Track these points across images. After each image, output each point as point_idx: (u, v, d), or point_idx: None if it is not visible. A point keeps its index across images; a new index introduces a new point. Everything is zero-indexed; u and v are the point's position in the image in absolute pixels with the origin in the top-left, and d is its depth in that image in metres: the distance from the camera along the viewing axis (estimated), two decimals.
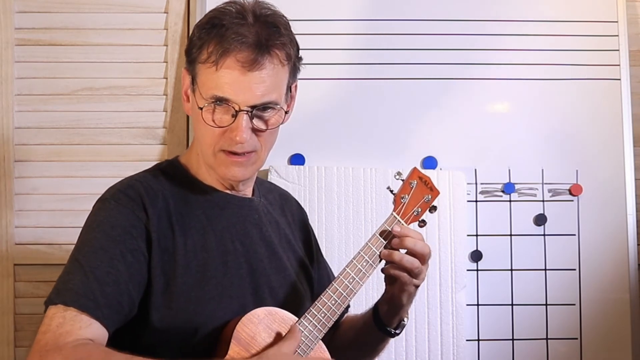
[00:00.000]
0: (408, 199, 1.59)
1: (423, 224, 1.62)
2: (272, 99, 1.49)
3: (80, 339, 1.37)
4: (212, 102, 1.48)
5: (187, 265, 1.50)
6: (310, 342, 1.49)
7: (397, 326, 1.66)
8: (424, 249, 1.55)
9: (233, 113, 1.48)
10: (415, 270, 1.55)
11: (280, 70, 1.51)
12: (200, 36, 1.50)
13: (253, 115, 1.49)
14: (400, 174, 1.61)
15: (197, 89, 1.51)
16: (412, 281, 1.56)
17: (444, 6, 2.36)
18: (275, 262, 1.62)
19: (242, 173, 1.55)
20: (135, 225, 1.48)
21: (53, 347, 1.35)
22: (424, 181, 1.62)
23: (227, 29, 1.47)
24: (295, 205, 1.82)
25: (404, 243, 1.55)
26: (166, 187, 1.56)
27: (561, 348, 2.31)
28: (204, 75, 1.49)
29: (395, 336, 1.66)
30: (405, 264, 1.54)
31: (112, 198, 1.51)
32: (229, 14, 1.50)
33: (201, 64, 1.49)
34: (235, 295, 1.53)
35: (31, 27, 2.36)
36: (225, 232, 1.57)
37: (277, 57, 1.49)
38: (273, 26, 1.50)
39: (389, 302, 1.63)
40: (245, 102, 1.47)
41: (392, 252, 1.55)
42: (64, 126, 2.36)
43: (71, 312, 1.39)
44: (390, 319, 1.65)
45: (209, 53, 1.48)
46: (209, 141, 1.51)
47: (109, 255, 1.44)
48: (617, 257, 2.33)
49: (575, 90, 2.36)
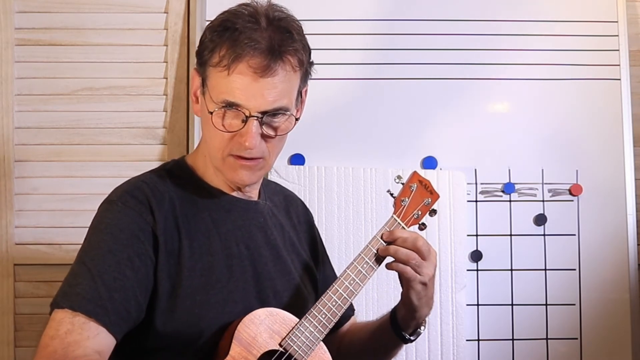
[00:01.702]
0: (408, 202, 1.60)
1: (423, 227, 1.63)
2: (282, 104, 1.48)
3: (89, 353, 1.36)
4: (223, 106, 1.47)
5: (192, 268, 1.49)
6: (311, 343, 1.49)
7: (413, 332, 1.65)
8: (416, 242, 1.55)
9: (243, 118, 1.47)
10: (413, 262, 1.54)
11: (292, 76, 1.49)
12: (212, 39, 1.48)
13: (263, 122, 1.48)
14: (401, 177, 1.62)
15: (207, 91, 1.50)
16: (416, 277, 1.55)
17: (444, 6, 2.36)
18: (280, 266, 1.62)
19: (250, 177, 1.54)
20: (143, 229, 1.47)
21: (62, 358, 1.35)
22: (424, 184, 1.63)
23: (240, 33, 1.45)
24: (301, 206, 1.81)
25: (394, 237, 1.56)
26: (172, 189, 1.55)
27: (561, 348, 2.31)
28: (215, 78, 1.48)
29: (409, 342, 1.65)
30: (401, 255, 1.54)
31: (119, 200, 1.50)
32: (241, 17, 1.48)
33: (212, 67, 1.48)
34: (239, 300, 1.52)
35: (31, 27, 2.36)
36: (231, 235, 1.56)
37: (290, 63, 1.48)
38: (286, 31, 1.49)
39: (404, 305, 1.62)
40: (256, 108, 1.46)
41: (388, 247, 1.56)
42: (64, 126, 2.36)
43: (79, 318, 1.38)
44: (406, 322, 1.63)
45: (220, 57, 1.46)
46: (218, 145, 1.50)
47: (117, 259, 1.43)
48: (617, 257, 2.33)
49: (575, 90, 2.36)
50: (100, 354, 1.38)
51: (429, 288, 1.58)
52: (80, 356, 1.35)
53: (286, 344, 1.48)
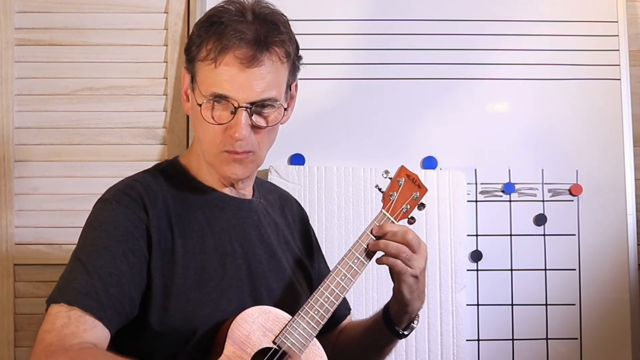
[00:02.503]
0: (396, 197, 1.62)
1: (412, 221, 1.64)
2: (271, 95, 1.49)
3: (85, 342, 1.37)
4: (211, 99, 1.48)
5: (186, 266, 1.50)
6: (304, 340, 1.49)
7: (407, 327, 1.66)
8: (405, 236, 1.56)
9: (232, 110, 1.48)
10: (403, 255, 1.55)
11: (280, 67, 1.51)
12: (200, 34, 1.50)
13: (252, 112, 1.49)
14: (388, 172, 1.64)
15: (196, 87, 1.51)
16: (407, 270, 1.56)
17: (444, 6, 2.36)
18: (274, 264, 1.62)
19: (242, 171, 1.55)
20: (137, 226, 1.48)
21: (58, 347, 1.35)
22: (412, 179, 1.64)
23: (225, 27, 1.47)
24: (295, 205, 1.82)
25: (383, 232, 1.57)
26: (166, 188, 1.56)
27: (561, 348, 2.31)
28: (203, 72, 1.49)
29: (403, 337, 1.66)
30: (391, 249, 1.55)
31: (113, 198, 1.51)
32: (228, 12, 1.50)
33: (200, 61, 1.50)
34: (233, 298, 1.53)
35: (31, 27, 2.36)
36: (224, 233, 1.57)
37: (276, 54, 1.50)
38: (272, 24, 1.51)
39: (396, 300, 1.62)
40: (244, 98, 1.47)
41: (378, 241, 1.56)
42: (64, 126, 2.36)
43: (75, 312, 1.39)
44: (399, 317, 1.64)
45: (207, 50, 1.48)
46: (211, 140, 1.51)
47: (112, 255, 1.44)
48: (617, 257, 2.33)
49: (575, 90, 2.36)
50: (96, 346, 1.38)
51: (420, 281, 1.59)
52: (76, 344, 1.36)
53: (280, 342, 1.48)
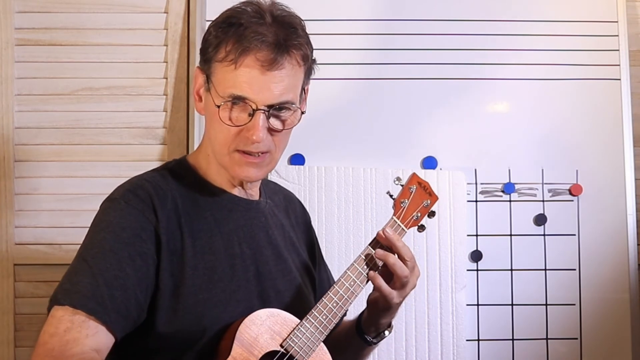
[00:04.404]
0: (407, 204, 1.61)
1: (422, 229, 1.64)
2: (288, 98, 1.49)
3: (87, 350, 1.36)
4: (229, 100, 1.47)
5: (195, 266, 1.49)
6: (312, 344, 1.49)
7: (376, 336, 1.66)
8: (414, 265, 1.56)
9: (250, 112, 1.47)
10: (404, 279, 1.54)
11: (298, 71, 1.51)
12: (217, 35, 1.49)
13: (270, 115, 1.48)
14: (400, 179, 1.62)
15: (212, 87, 1.50)
16: (407, 274, 1.54)
17: (444, 6, 2.36)
18: (281, 265, 1.62)
19: (256, 174, 1.54)
20: (145, 228, 1.47)
21: (59, 355, 1.35)
22: (423, 186, 1.63)
23: (245, 28, 1.46)
24: (299, 207, 1.81)
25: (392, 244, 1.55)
26: (175, 188, 1.55)
27: (561, 348, 2.31)
28: (221, 73, 1.48)
29: (372, 344, 1.66)
30: (397, 270, 1.54)
31: (121, 198, 1.50)
32: (246, 13, 1.49)
33: (218, 62, 1.48)
34: (242, 299, 1.52)
35: (31, 27, 2.36)
36: (233, 234, 1.57)
37: (295, 58, 1.49)
38: (290, 27, 1.50)
39: (369, 311, 1.63)
40: (263, 101, 1.47)
41: (387, 254, 1.55)
42: (64, 126, 2.36)
43: (79, 316, 1.38)
44: (367, 327, 1.65)
45: (227, 51, 1.47)
46: (223, 140, 1.50)
47: (118, 258, 1.43)
48: (617, 257, 2.33)
49: (575, 90, 2.36)
50: (98, 352, 1.38)
51: (399, 305, 1.59)
52: (77, 353, 1.35)
53: (287, 345, 1.48)
